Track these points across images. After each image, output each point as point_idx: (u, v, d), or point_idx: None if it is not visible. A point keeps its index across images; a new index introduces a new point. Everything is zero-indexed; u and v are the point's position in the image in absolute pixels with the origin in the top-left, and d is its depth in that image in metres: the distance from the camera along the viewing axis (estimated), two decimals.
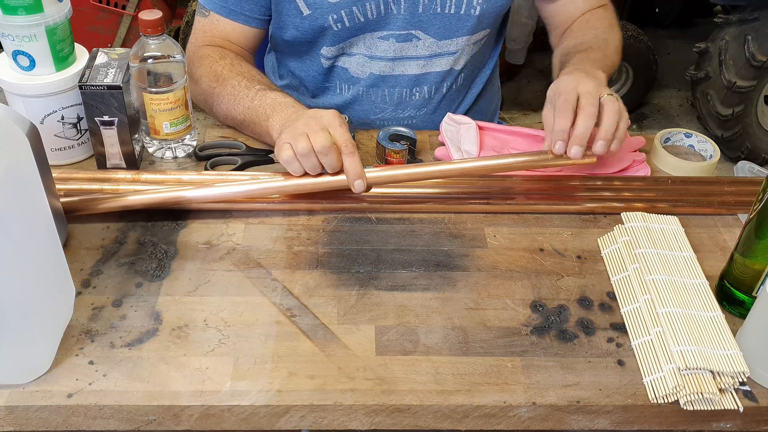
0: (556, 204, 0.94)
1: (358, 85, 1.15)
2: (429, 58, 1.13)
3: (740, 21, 2.34)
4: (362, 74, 1.14)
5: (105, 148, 0.96)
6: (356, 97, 1.17)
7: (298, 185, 0.89)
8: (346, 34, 1.09)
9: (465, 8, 1.07)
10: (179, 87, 0.96)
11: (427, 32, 1.09)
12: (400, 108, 1.18)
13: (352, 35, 1.09)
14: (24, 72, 0.94)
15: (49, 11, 0.91)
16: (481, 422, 0.73)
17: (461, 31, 1.10)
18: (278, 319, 0.79)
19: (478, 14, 1.08)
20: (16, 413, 0.70)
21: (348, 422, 0.73)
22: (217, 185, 0.90)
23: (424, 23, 1.08)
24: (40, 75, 0.94)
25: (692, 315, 0.77)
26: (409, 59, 1.12)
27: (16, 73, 0.95)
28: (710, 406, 0.72)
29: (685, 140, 1.10)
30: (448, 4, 1.07)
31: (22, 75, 0.94)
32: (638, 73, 2.64)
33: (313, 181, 0.88)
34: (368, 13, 1.06)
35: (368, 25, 1.08)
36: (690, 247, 0.86)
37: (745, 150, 2.48)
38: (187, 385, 0.72)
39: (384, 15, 1.07)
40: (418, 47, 1.11)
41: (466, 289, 0.83)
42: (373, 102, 1.17)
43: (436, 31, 1.09)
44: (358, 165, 0.86)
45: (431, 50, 1.12)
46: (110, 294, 0.81)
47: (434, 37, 1.10)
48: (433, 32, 1.09)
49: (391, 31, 1.09)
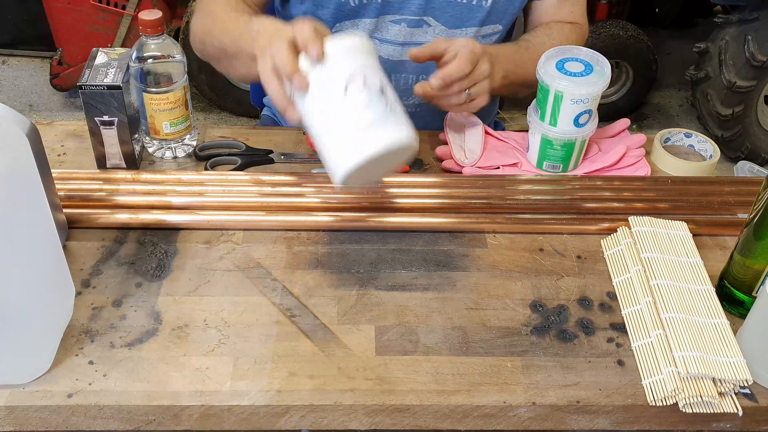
0: (556, 204, 0.94)
1: None
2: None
3: (740, 21, 2.34)
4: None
5: (105, 148, 0.96)
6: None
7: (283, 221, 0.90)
8: (361, 12, 1.08)
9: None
10: (179, 87, 0.96)
11: (438, 19, 1.10)
12: (405, 96, 1.17)
13: (365, 15, 1.09)
14: None
15: None
16: (481, 422, 0.73)
17: (471, 21, 1.10)
18: (278, 319, 0.79)
19: (488, 6, 1.09)
20: (16, 413, 0.70)
21: (348, 422, 0.73)
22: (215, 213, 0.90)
23: (437, 10, 1.09)
24: None
25: (696, 321, 0.77)
26: (417, 45, 1.12)
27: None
28: (709, 409, 0.72)
29: (685, 140, 1.10)
30: None
31: None
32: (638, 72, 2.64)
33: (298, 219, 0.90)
34: None
35: (383, 7, 1.08)
36: (697, 253, 0.86)
37: (745, 150, 2.48)
38: (187, 385, 0.72)
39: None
40: (427, 33, 1.11)
41: (466, 289, 0.83)
42: None
43: (447, 18, 1.10)
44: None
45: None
46: (110, 294, 0.81)
47: (444, 25, 1.10)
48: (444, 20, 1.10)
49: (404, 16, 1.09)
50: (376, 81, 0.75)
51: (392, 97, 0.76)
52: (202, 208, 0.91)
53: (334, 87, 0.74)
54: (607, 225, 0.92)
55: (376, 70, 0.76)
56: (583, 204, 0.94)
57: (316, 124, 0.76)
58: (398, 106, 0.76)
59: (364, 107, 0.73)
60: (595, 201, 0.95)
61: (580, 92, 0.94)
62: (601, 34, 2.52)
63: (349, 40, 0.76)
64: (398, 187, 0.95)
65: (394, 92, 0.77)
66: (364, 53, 0.77)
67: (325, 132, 0.75)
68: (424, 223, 0.91)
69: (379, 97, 0.74)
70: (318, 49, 0.75)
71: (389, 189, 0.94)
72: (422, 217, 0.92)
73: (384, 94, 0.75)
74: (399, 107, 0.76)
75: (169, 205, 0.91)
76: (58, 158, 1.01)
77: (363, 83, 0.74)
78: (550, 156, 1.00)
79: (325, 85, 0.75)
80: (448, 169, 1.02)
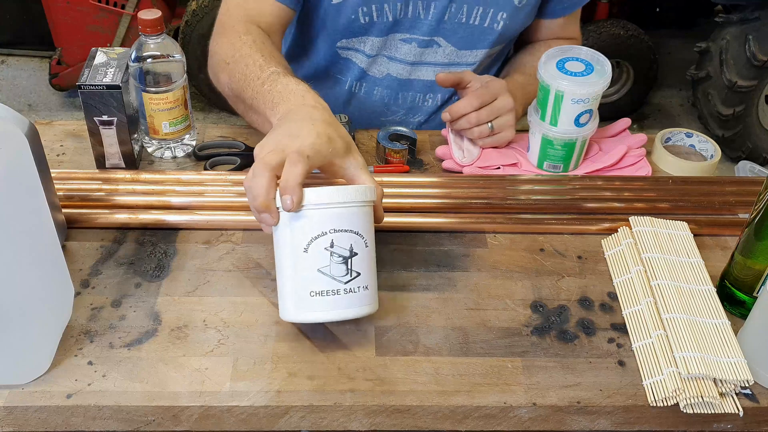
0: (557, 204, 0.94)
1: (373, 84, 1.16)
2: (446, 65, 1.13)
3: (741, 20, 2.34)
4: (379, 74, 1.14)
5: (104, 148, 0.96)
6: (368, 96, 1.17)
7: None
8: (370, 30, 1.08)
9: (489, 21, 1.08)
10: (178, 86, 0.96)
11: (449, 40, 1.10)
12: (411, 113, 1.18)
13: (374, 32, 1.09)
14: None
15: None
16: (481, 423, 0.73)
17: (482, 43, 1.11)
18: (278, 319, 0.78)
19: (500, 29, 1.09)
20: (15, 414, 0.70)
21: (348, 423, 0.72)
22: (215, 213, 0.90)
23: (448, 31, 1.09)
24: None
25: (697, 321, 0.77)
26: (426, 65, 1.13)
27: None
28: (710, 410, 0.72)
29: (686, 140, 1.10)
30: (474, 14, 1.07)
31: None
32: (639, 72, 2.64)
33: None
34: (397, 12, 1.06)
35: (394, 25, 1.08)
36: (698, 253, 0.86)
37: (746, 150, 2.48)
38: (187, 385, 0.71)
39: (411, 18, 1.07)
40: (437, 54, 1.12)
41: (466, 290, 0.83)
42: (386, 105, 1.18)
43: (457, 40, 1.10)
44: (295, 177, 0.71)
45: (449, 58, 1.12)
46: (109, 294, 0.81)
47: (455, 46, 1.11)
48: (454, 41, 1.10)
49: (414, 35, 1.09)
50: (345, 247, 0.71)
51: (363, 262, 0.72)
52: (201, 208, 0.91)
53: (298, 240, 0.71)
54: (608, 225, 0.92)
55: (352, 234, 0.72)
56: (583, 204, 0.94)
57: (276, 257, 0.74)
58: (367, 274, 0.73)
59: (320, 273, 0.71)
60: (596, 201, 0.95)
61: (581, 92, 0.93)
62: (602, 34, 2.52)
63: (336, 194, 0.71)
64: (398, 187, 0.95)
65: (368, 256, 0.73)
66: (346, 211, 0.72)
67: (278, 270, 0.74)
68: (424, 223, 0.91)
69: (340, 265, 0.71)
70: (293, 200, 0.69)
71: (389, 189, 0.94)
72: (422, 217, 0.92)
73: (347, 263, 0.71)
74: (367, 274, 0.73)
75: (168, 205, 0.91)
76: (57, 158, 1.01)
77: (329, 246, 0.71)
78: (551, 156, 1.00)
79: (292, 233, 0.71)
80: (448, 169, 1.02)
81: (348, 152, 0.78)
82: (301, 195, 0.70)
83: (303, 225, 0.71)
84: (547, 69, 0.96)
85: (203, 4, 2.39)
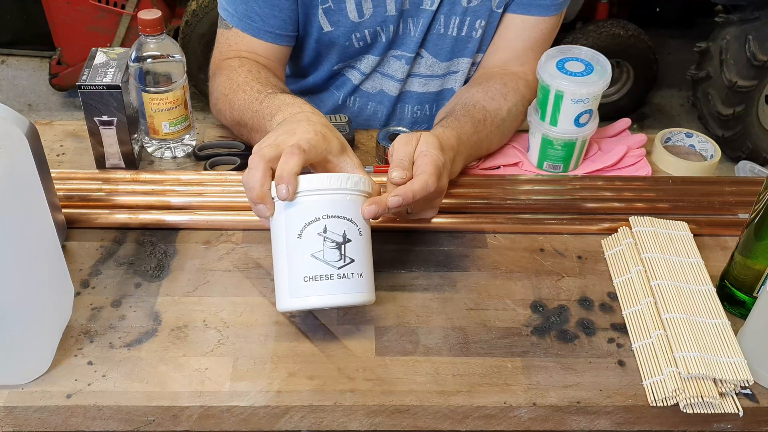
0: (556, 204, 0.94)
1: (366, 99, 1.17)
2: (430, 78, 1.14)
3: (741, 20, 2.34)
4: (372, 89, 1.15)
5: (104, 148, 0.96)
6: (362, 110, 1.18)
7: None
8: (368, 50, 1.09)
9: (467, 30, 1.08)
10: (178, 87, 0.96)
11: (431, 52, 1.11)
12: (407, 126, 1.18)
13: (374, 52, 1.10)
14: None
15: None
16: (481, 423, 0.73)
17: (464, 52, 1.11)
18: (277, 319, 0.78)
19: (479, 37, 1.09)
20: (15, 414, 0.70)
21: (348, 423, 0.72)
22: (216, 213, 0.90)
23: (430, 44, 1.10)
24: None
25: (697, 321, 0.77)
26: (416, 77, 1.14)
27: None
28: (710, 410, 0.72)
29: (686, 140, 1.10)
30: (452, 25, 1.07)
31: None
32: (639, 72, 2.64)
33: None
34: (390, 32, 1.06)
35: (386, 44, 1.08)
36: (698, 253, 0.86)
37: (746, 150, 2.48)
38: (187, 385, 0.71)
39: (402, 35, 1.08)
40: (420, 66, 1.13)
41: (466, 290, 0.83)
42: (379, 120, 1.19)
43: (439, 51, 1.11)
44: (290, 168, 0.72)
45: (432, 70, 1.13)
46: (109, 294, 0.81)
47: (437, 57, 1.11)
48: (435, 52, 1.11)
49: (405, 52, 1.10)
50: (338, 233, 0.72)
51: (357, 250, 0.73)
52: (201, 208, 0.91)
53: (292, 227, 0.72)
54: (608, 225, 0.92)
55: (345, 221, 0.72)
56: (583, 204, 0.94)
57: (273, 249, 0.75)
58: (362, 261, 0.73)
59: (313, 258, 0.71)
60: (596, 201, 0.95)
61: (581, 92, 0.93)
62: (602, 34, 2.52)
63: (328, 180, 0.72)
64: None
65: (363, 244, 0.73)
66: (339, 198, 0.72)
67: (275, 261, 0.75)
68: (424, 223, 0.91)
69: (333, 250, 0.72)
70: (288, 189, 0.70)
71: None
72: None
73: (341, 248, 0.72)
74: (362, 261, 0.73)
75: (168, 205, 0.91)
76: (57, 158, 1.01)
77: (322, 231, 0.71)
78: (551, 156, 1.00)
79: (286, 220, 0.72)
80: None
81: (343, 151, 0.80)
82: (296, 185, 0.71)
83: (297, 211, 0.72)
84: (546, 69, 0.96)
85: (203, 4, 2.39)
